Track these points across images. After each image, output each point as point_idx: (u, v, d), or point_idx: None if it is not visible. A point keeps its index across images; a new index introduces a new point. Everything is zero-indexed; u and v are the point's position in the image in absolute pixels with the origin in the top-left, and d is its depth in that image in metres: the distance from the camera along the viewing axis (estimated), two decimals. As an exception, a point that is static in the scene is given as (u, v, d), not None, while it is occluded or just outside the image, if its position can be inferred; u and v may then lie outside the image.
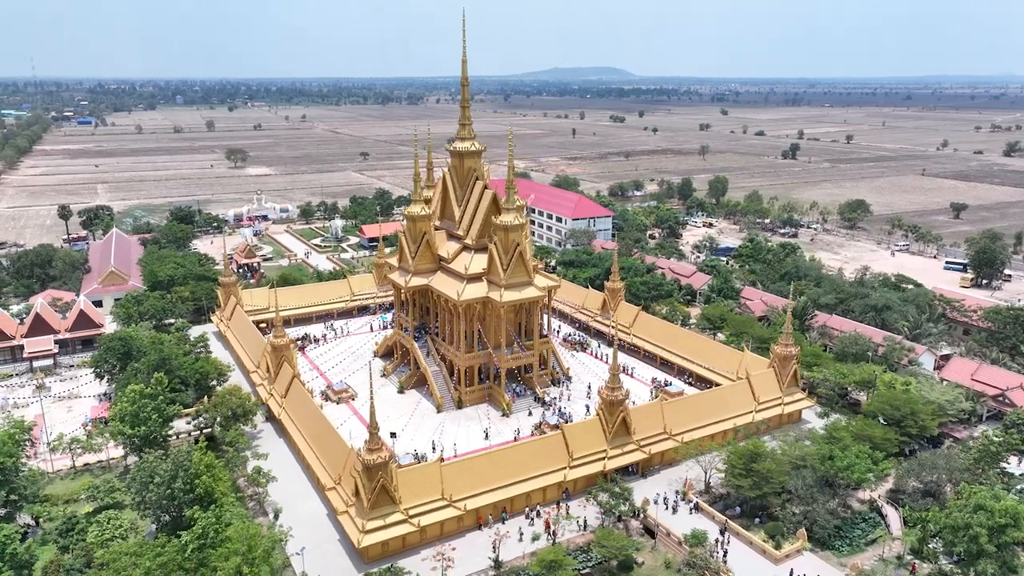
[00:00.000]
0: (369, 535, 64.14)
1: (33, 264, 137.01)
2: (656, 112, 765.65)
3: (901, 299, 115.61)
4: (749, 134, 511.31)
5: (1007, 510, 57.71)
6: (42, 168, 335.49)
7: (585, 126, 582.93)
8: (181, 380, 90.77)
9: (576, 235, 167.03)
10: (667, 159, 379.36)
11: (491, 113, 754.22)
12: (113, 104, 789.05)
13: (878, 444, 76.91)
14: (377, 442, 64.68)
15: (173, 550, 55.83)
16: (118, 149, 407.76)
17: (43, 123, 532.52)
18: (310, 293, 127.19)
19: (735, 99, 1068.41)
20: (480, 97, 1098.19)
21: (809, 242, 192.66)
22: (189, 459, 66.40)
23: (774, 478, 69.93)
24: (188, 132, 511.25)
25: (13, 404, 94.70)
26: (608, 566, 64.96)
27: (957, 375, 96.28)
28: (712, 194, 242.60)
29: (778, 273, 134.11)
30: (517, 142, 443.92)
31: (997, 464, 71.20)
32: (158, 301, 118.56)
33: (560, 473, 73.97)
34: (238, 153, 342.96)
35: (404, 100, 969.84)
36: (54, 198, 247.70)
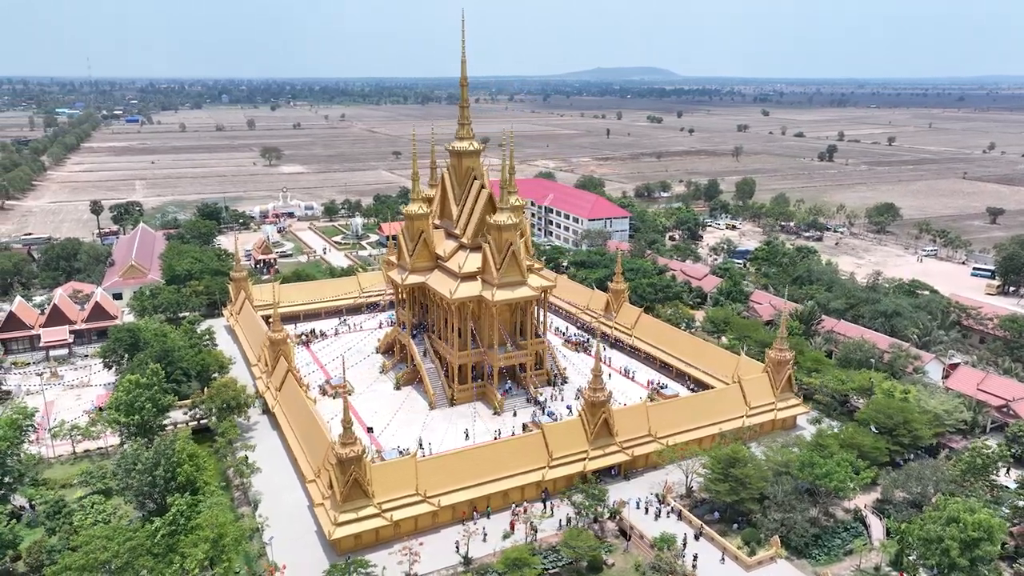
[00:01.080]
0: (341, 527, 65.25)
1: (59, 257, 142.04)
2: (695, 113, 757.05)
3: (913, 305, 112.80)
4: (788, 135, 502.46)
5: (980, 523, 56.16)
6: (86, 165, 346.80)
7: (621, 126, 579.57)
8: (183, 371, 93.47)
9: (591, 236, 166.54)
10: (700, 160, 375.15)
11: (528, 113, 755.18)
12: (161, 103, 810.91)
13: (866, 453, 75.47)
14: (350, 436, 65.70)
15: (143, 535, 57.78)
16: (160, 147, 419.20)
17: (92, 121, 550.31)
18: (318, 289, 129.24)
19: (779, 100, 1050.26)
20: (519, 97, 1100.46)
21: (833, 246, 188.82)
22: (172, 448, 68.37)
23: (752, 484, 69.02)
24: (229, 131, 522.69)
25: (26, 391, 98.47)
26: (578, 566, 64.97)
27: (963, 384, 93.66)
28: (739, 196, 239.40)
29: (791, 277, 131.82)
30: (551, 142, 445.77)
31: (986, 476, 69.12)
32: (172, 294, 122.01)
33: (539, 473, 74.14)
34: (272, 151, 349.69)
35: (443, 100, 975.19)
36: (94, 193, 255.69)
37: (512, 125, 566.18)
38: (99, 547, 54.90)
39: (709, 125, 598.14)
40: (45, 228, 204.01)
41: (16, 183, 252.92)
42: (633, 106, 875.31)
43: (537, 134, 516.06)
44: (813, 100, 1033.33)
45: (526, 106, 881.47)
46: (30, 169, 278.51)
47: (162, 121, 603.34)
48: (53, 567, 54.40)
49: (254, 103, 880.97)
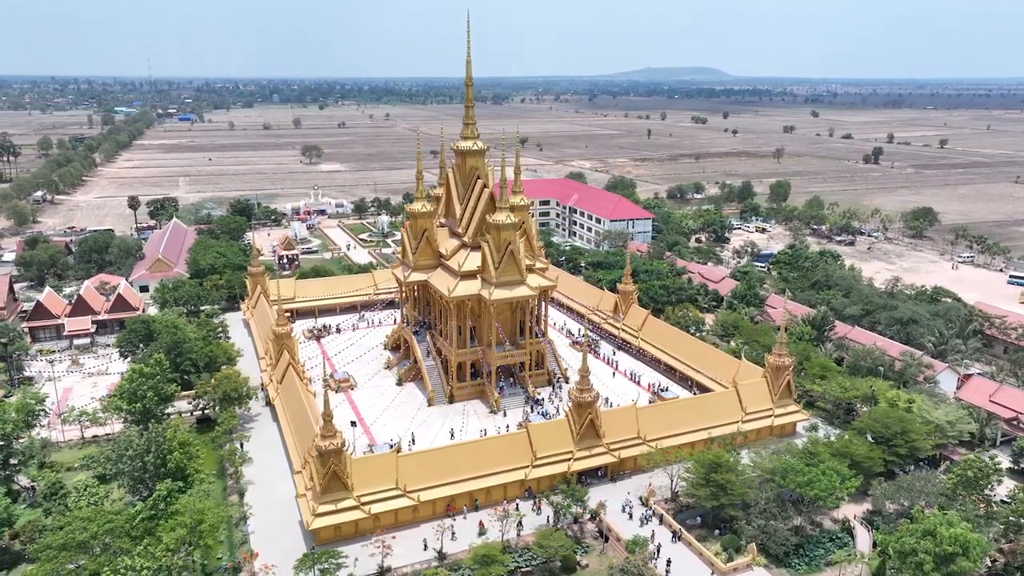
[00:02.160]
0: (319, 518, 66.57)
1: (92, 250, 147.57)
2: (742, 114, 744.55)
3: (931, 313, 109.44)
4: (835, 137, 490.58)
5: (956, 538, 54.47)
6: (136, 161, 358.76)
7: (663, 127, 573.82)
8: (192, 363, 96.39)
9: (610, 236, 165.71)
10: (740, 162, 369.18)
11: (571, 113, 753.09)
12: (214, 102, 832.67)
13: (858, 462, 73.75)
14: (331, 429, 66.98)
15: (124, 518, 59.99)
16: (208, 144, 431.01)
17: (147, 120, 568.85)
18: (334, 285, 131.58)
19: (831, 101, 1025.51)
20: (565, 97, 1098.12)
21: (865, 251, 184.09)
22: (163, 436, 70.72)
23: (734, 490, 68.16)
24: (276, 129, 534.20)
25: (47, 378, 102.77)
26: (552, 566, 65.02)
27: (975, 395, 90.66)
28: (773, 199, 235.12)
29: (809, 282, 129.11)
30: (590, 142, 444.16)
31: (978, 490, 66.79)
32: (193, 288, 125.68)
33: (522, 471, 74.36)
34: (313, 149, 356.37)
35: (489, 100, 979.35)
36: (139, 189, 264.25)
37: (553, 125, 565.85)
38: (79, 528, 57.25)
39: (755, 126, 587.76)
40: (89, 222, 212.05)
41: (67, 178, 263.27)
42: (680, 106, 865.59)
43: (577, 134, 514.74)
44: (867, 101, 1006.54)
45: (571, 106, 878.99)
46: (81, 165, 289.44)
47: (213, 120, 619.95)
48: (34, 545, 56.87)
49: (304, 102, 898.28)
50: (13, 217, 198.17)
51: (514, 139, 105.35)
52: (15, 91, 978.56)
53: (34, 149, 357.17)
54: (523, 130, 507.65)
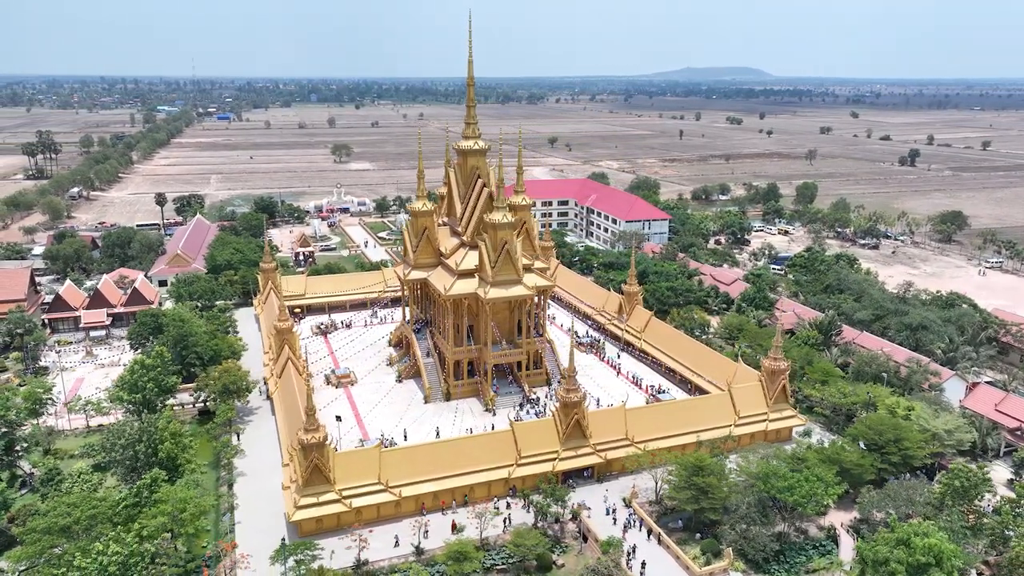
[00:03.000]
0: (301, 511, 67.73)
1: (115, 244, 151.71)
2: (780, 114, 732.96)
3: (943, 319, 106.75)
4: (873, 139, 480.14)
5: (930, 548, 53.25)
6: (172, 159, 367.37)
7: (697, 127, 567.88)
8: (198, 356, 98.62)
9: (624, 237, 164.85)
10: (771, 163, 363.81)
11: (605, 114, 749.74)
12: (253, 101, 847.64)
13: (848, 469, 72.50)
14: (313, 423, 68.12)
15: (107, 505, 61.78)
16: (242, 143, 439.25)
17: (186, 118, 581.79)
18: (345, 282, 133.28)
19: (874, 101, 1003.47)
20: (601, 97, 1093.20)
21: (889, 255, 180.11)
22: (155, 426, 72.61)
23: (714, 493, 67.54)
24: (310, 128, 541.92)
25: (61, 368, 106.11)
26: (528, 565, 65.17)
27: (980, 404, 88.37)
28: (799, 200, 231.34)
29: (822, 285, 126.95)
30: (621, 143, 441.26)
31: (968, 501, 65.06)
32: (207, 283, 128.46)
33: (506, 470, 74.63)
34: (343, 148, 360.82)
35: (524, 100, 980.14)
36: (172, 186, 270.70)
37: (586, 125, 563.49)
38: (63, 513, 59.19)
39: (791, 127, 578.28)
40: (120, 218, 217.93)
41: (103, 175, 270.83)
42: (717, 107, 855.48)
43: (609, 134, 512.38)
44: (911, 102, 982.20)
45: (605, 106, 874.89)
46: (117, 163, 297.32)
47: (250, 119, 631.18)
48: (20, 528, 58.93)
49: (341, 102, 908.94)
50: (48, 212, 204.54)
51: (519, 138, 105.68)
52: (65, 90, 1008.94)
53: (76, 147, 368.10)
54: (555, 130, 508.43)
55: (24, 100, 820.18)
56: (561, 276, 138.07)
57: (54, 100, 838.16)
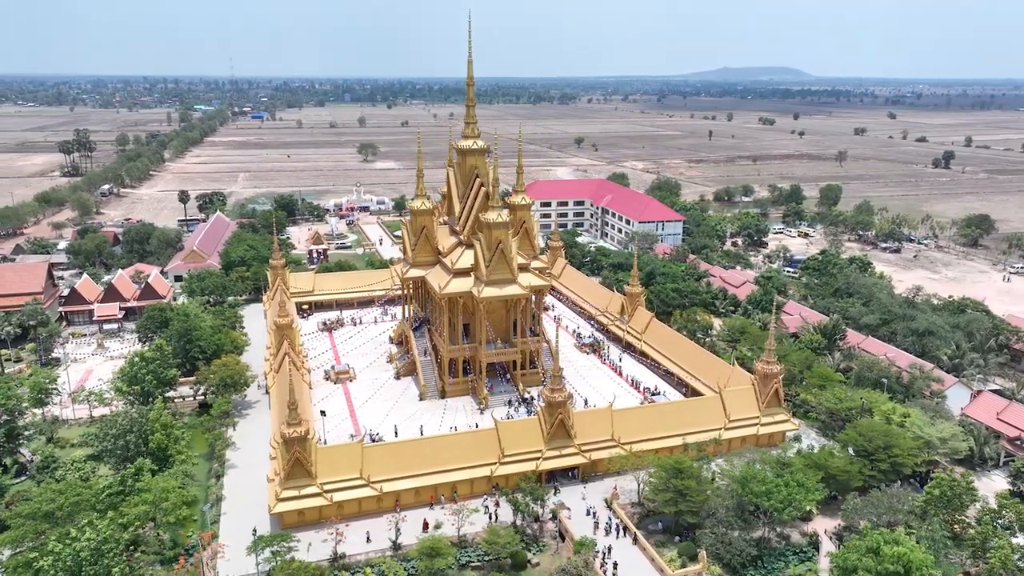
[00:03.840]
0: (282, 503, 68.87)
1: (134, 240, 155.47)
2: (815, 115, 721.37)
3: (951, 325, 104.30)
4: (909, 140, 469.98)
5: (899, 557, 52.30)
6: (204, 157, 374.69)
7: (729, 128, 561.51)
8: (201, 350, 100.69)
9: (636, 238, 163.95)
10: (800, 164, 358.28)
11: (636, 114, 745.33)
12: (288, 100, 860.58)
13: (834, 475, 71.47)
14: (296, 418, 69.12)
15: (92, 492, 63.57)
16: (273, 142, 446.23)
17: (221, 117, 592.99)
18: (353, 279, 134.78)
19: (914, 102, 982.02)
20: (633, 97, 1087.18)
21: (911, 259, 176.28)
22: (145, 417, 74.46)
23: (692, 496, 67.08)
24: (341, 127, 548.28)
25: (72, 359, 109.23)
26: (503, 563, 65.42)
27: (982, 413, 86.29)
28: (823, 203, 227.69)
29: (831, 289, 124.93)
30: (648, 143, 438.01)
31: (951, 510, 63.58)
32: (219, 279, 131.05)
33: (488, 468, 74.94)
34: (369, 148, 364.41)
35: (556, 100, 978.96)
36: (201, 184, 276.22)
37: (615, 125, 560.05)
38: (47, 499, 61.10)
39: (825, 128, 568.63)
40: (147, 215, 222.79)
41: (133, 173, 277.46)
42: (751, 107, 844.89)
43: (637, 135, 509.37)
44: (953, 102, 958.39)
45: (638, 107, 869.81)
46: (149, 161, 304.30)
47: (284, 118, 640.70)
48: (7, 512, 60.94)
49: (374, 102, 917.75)
50: (77, 208, 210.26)
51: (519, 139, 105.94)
52: (108, 90, 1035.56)
53: (112, 145, 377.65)
54: (583, 130, 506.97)
55: (68, 99, 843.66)
56: (567, 276, 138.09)
57: (97, 99, 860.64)
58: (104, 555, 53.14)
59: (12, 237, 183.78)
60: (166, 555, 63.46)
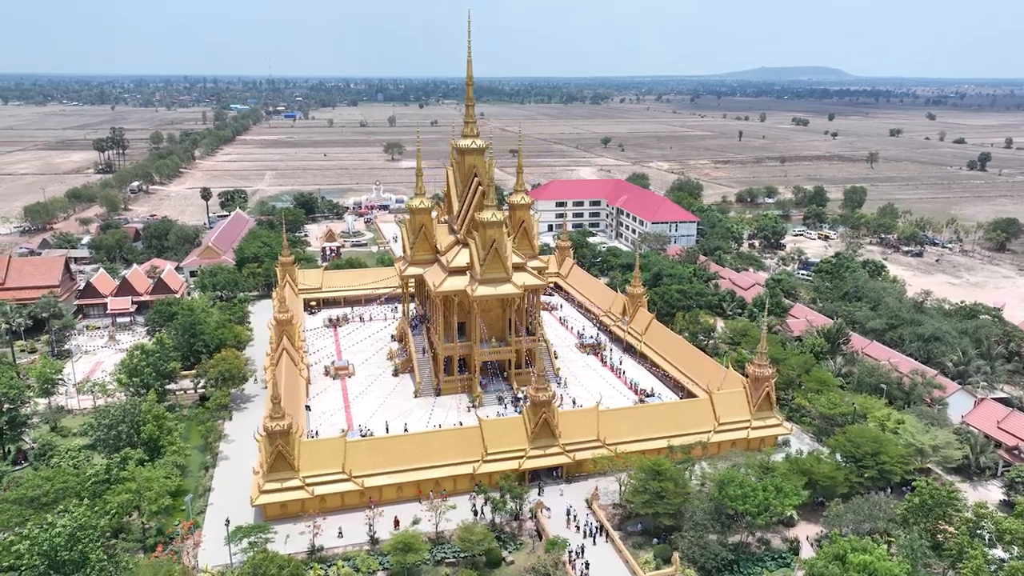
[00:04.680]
0: (265, 495, 70.07)
1: (153, 236, 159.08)
2: (852, 116, 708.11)
3: (959, 331, 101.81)
4: (946, 141, 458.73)
5: (864, 565, 51.42)
6: (234, 155, 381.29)
7: (760, 129, 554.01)
8: (205, 344, 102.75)
9: (648, 239, 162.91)
10: (829, 166, 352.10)
11: (668, 114, 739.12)
12: (322, 100, 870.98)
13: (818, 481, 70.47)
14: (279, 411, 70.32)
15: (77, 480, 65.37)
16: (304, 140, 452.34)
17: (255, 116, 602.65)
18: (361, 276, 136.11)
19: (957, 102, 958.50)
20: (667, 97, 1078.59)
21: (932, 263, 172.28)
22: (138, 408, 76.30)
23: (669, 498, 66.64)
24: (371, 126, 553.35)
25: (84, 351, 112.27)
26: (477, 560, 65.71)
27: (982, 421, 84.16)
28: (846, 205, 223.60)
29: (840, 292, 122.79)
30: (676, 143, 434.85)
31: (934, 519, 62.14)
32: (231, 275, 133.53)
33: (471, 466, 75.29)
34: (395, 147, 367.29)
35: (587, 100, 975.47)
36: (229, 181, 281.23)
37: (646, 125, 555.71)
38: (33, 485, 63.03)
39: (860, 129, 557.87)
40: (173, 211, 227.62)
41: (163, 170, 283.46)
42: (786, 108, 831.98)
43: (666, 135, 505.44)
44: (997, 103, 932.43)
45: (670, 107, 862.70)
46: (179, 158, 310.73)
47: (316, 117, 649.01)
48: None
49: (406, 101, 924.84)
50: (105, 205, 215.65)
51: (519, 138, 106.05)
52: (149, 89, 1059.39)
53: (147, 143, 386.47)
54: (612, 131, 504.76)
55: (111, 99, 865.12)
56: (574, 276, 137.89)
57: (138, 99, 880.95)
58: (79, 541, 54.57)
59: (41, 232, 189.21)
60: (148, 544, 64.94)
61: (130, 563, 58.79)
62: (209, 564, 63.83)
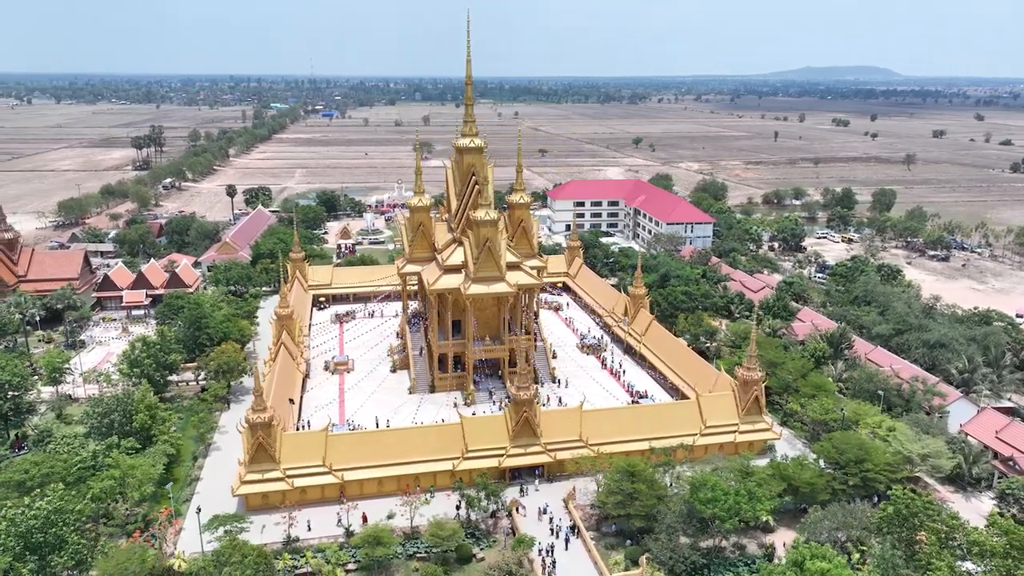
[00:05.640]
0: (245, 485, 71.59)
1: (174, 231, 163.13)
2: (896, 116, 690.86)
3: (967, 338, 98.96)
4: (992, 143, 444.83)
5: (822, 573, 50.48)
6: (268, 153, 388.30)
7: (797, 129, 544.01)
8: (209, 336, 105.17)
9: (661, 240, 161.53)
10: (865, 167, 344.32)
11: (705, 114, 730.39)
12: (360, 99, 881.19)
13: (798, 487, 69.41)
14: (261, 404, 71.72)
15: (63, 465, 67.61)
16: (337, 139, 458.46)
17: (293, 115, 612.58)
18: (370, 273, 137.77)
19: (1009, 103, 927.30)
20: (706, 97, 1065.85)
21: (958, 267, 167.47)
22: (130, 398, 78.55)
23: (641, 500, 66.28)
24: (405, 126, 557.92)
25: (97, 342, 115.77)
26: (448, 556, 66.18)
27: (980, 430, 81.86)
28: (875, 207, 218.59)
29: (849, 297, 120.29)
30: (709, 144, 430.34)
31: (910, 528, 60.56)
32: (244, 270, 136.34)
33: (451, 462, 75.78)
34: (426, 146, 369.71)
35: (625, 100, 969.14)
36: (259, 179, 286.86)
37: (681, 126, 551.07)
38: (21, 470, 65.39)
39: (902, 130, 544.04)
40: (201, 208, 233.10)
41: (196, 168, 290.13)
42: (829, 108, 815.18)
43: (700, 135, 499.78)
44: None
45: (709, 107, 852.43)
46: (213, 156, 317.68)
47: (352, 116, 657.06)
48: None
49: (443, 100, 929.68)
50: (136, 201, 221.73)
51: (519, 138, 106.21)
52: (194, 88, 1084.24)
53: (185, 141, 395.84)
54: (645, 131, 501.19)
55: (157, 97, 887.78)
56: (582, 276, 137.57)
57: (183, 97, 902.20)
58: (55, 524, 56.51)
59: (74, 226, 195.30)
60: (128, 530, 66.85)
61: (106, 547, 60.72)
62: (187, 551, 65.44)
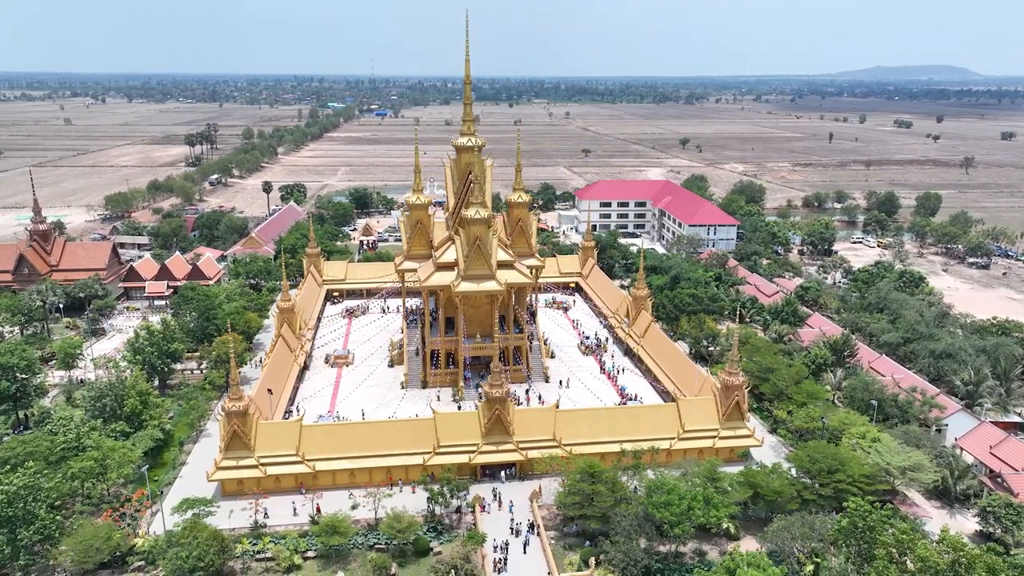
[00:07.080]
0: (220, 471, 73.95)
1: (204, 226, 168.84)
2: (966, 118, 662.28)
3: (976, 349, 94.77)
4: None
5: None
6: (317, 151, 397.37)
7: (856, 130, 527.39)
8: (217, 327, 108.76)
9: (680, 242, 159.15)
10: (919, 170, 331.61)
11: (763, 115, 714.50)
12: (415, 99, 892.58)
13: (764, 495, 67.97)
14: (237, 392, 73.98)
15: (46, 445, 71.10)
16: (385, 138, 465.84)
17: (347, 114, 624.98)
18: (383, 269, 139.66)
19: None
20: (767, 97, 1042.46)
21: (999, 276, 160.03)
22: (122, 383, 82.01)
23: (599, 502, 65.88)
24: (456, 125, 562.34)
25: (117, 329, 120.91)
26: (406, 548, 67.08)
27: (974, 445, 78.55)
28: (919, 211, 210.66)
29: (863, 303, 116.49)
30: (760, 145, 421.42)
31: (862, 544, 58.55)
32: (264, 264, 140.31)
33: (422, 457, 76.68)
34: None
35: (681, 100, 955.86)
36: (305, 176, 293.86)
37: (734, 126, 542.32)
38: (8, 448, 69.09)
39: (969, 132, 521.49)
40: (243, 203, 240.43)
41: (243, 164, 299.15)
42: (895, 109, 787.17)
43: (752, 136, 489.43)
44: None
45: (767, 107, 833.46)
46: (260, 153, 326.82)
47: (405, 115, 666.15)
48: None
49: (498, 100, 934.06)
50: (181, 196, 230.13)
51: (518, 137, 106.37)
52: (258, 88, 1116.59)
53: (239, 138, 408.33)
54: (696, 131, 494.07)
55: (221, 96, 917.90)
56: (593, 277, 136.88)
57: (246, 96, 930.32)
58: (23, 499, 59.62)
59: (119, 219, 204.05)
60: (99, 507, 69.92)
61: (75, 524, 63.71)
62: (159, 532, 68.06)
